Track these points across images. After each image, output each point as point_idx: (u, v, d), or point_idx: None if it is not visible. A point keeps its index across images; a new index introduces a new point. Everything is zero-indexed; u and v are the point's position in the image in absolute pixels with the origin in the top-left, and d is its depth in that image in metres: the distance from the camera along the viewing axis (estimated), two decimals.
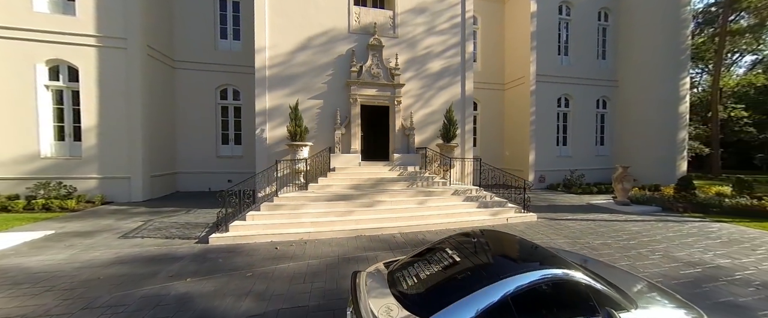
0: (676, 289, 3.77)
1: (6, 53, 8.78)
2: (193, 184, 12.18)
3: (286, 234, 6.33)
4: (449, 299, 2.13)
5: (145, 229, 6.78)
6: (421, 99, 10.85)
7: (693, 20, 22.09)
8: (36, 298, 3.80)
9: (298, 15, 9.64)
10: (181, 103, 11.94)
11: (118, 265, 4.85)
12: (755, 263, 4.91)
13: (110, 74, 9.55)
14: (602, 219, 7.99)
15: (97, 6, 9.36)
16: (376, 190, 8.26)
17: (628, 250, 5.56)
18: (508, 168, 14.86)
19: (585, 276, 2.32)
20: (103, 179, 9.59)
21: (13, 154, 8.92)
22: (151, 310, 3.56)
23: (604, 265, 3.37)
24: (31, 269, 4.62)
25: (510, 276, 2.20)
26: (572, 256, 3.24)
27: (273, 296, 3.89)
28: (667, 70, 13.76)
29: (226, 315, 3.47)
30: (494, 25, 15.76)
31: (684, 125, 13.96)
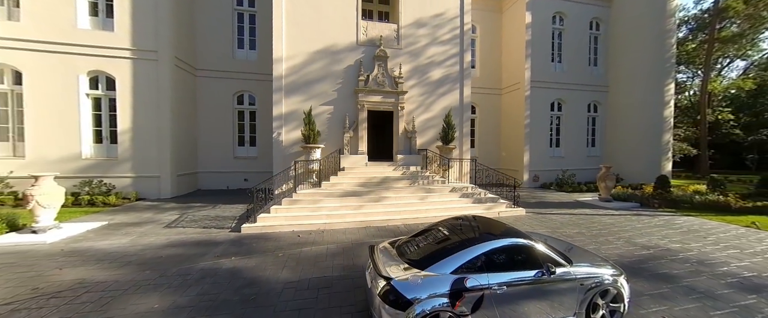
0: (625, 265, 4.77)
1: (54, 66, 9.89)
2: (212, 182, 13.25)
3: (306, 224, 7.37)
4: (441, 256, 3.16)
5: (183, 221, 7.83)
6: (423, 105, 11.86)
7: (686, 26, 23.03)
8: (119, 270, 4.84)
9: (311, 29, 10.67)
10: (201, 108, 13.01)
11: (172, 248, 5.90)
12: (700, 247, 5.88)
13: (143, 83, 10.64)
14: (583, 213, 8.97)
15: (132, 22, 10.45)
16: (381, 187, 9.28)
17: (598, 237, 6.55)
18: (504, 168, 15.87)
19: (537, 244, 3.34)
20: (136, 178, 10.67)
21: (60, 154, 10.02)
22: (211, 278, 4.59)
23: (563, 242, 4.36)
24: (105, 250, 5.68)
25: (486, 242, 3.21)
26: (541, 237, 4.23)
27: (303, 270, 4.92)
28: (653, 76, 14.69)
29: (270, 282, 4.49)
30: (492, 34, 16.74)
31: (668, 128, 14.87)
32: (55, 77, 9.95)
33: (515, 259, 3.22)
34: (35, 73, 9.83)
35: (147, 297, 3.97)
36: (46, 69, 9.89)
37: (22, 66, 9.76)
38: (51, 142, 9.99)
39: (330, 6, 10.83)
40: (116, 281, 4.42)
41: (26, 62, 9.77)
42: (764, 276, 4.63)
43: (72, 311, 3.57)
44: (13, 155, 10.00)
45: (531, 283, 3.10)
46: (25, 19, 9.70)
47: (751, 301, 3.87)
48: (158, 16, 10.64)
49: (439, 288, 2.87)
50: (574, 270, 3.27)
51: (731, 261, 5.21)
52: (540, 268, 3.16)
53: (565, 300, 3.17)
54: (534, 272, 3.14)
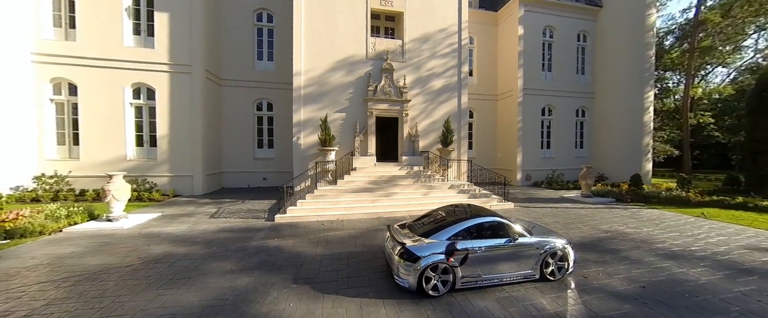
0: (584, 243, 6.19)
1: (103, 79, 11.36)
2: (234, 181, 14.70)
3: (327, 215, 8.80)
4: (439, 229, 4.59)
5: (223, 213, 9.26)
6: (425, 111, 13.30)
7: (671, 35, 24.42)
8: (192, 247, 6.27)
9: (326, 45, 12.12)
10: (225, 114, 14.45)
11: (223, 232, 7.32)
12: (649, 231, 7.29)
13: (178, 93, 12.10)
14: (563, 207, 10.38)
15: (170, 40, 11.91)
16: (389, 184, 10.72)
17: (570, 224, 7.97)
18: (500, 168, 17.32)
19: (507, 221, 4.76)
20: (173, 177, 12.12)
21: (108, 157, 11.49)
22: (264, 252, 6.01)
23: (529, 222, 5.76)
24: (172, 234, 7.11)
25: (471, 220, 4.64)
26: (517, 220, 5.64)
27: (332, 247, 6.34)
28: (633, 84, 16.10)
29: (309, 255, 5.90)
30: (488, 44, 18.17)
31: (648, 132, 16.27)
32: (104, 89, 11.42)
33: (491, 231, 4.64)
34: (88, 86, 11.31)
35: (223, 263, 5.40)
36: (97, 82, 11.37)
37: (76, 80, 11.24)
38: (101, 146, 11.46)
39: (342, 24, 12.28)
40: (194, 254, 5.85)
41: (80, 76, 11.25)
42: (687, 250, 6.03)
43: (178, 270, 5.01)
44: (68, 157, 11.48)
45: (502, 247, 4.51)
46: (80, 39, 11.19)
47: (665, 264, 5.28)
48: (192, 35, 12.10)
49: (438, 249, 4.29)
50: (532, 239, 4.69)
51: (668, 240, 6.62)
52: (509, 237, 4.59)
53: (525, 259, 4.58)
54: (504, 240, 4.56)
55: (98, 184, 11.25)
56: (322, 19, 12.02)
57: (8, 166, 10.23)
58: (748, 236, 6.96)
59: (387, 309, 3.83)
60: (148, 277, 4.73)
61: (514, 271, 4.55)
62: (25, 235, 6.49)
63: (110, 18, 11.41)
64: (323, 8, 12.04)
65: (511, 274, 4.53)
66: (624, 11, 16.42)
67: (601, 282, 4.64)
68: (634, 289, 4.38)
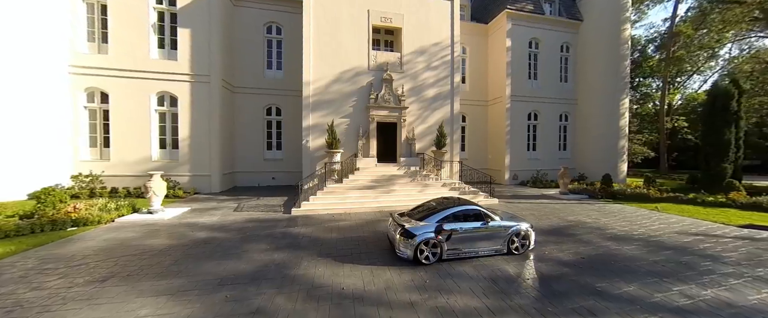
0: (550, 229, 7.64)
1: (133, 88, 12.60)
2: (246, 180, 15.96)
3: (336, 209, 10.16)
4: (430, 215, 6.00)
5: (244, 207, 10.57)
6: (420, 117, 14.72)
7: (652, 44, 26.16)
8: (227, 233, 7.60)
9: (332, 57, 13.48)
10: (238, 119, 15.72)
11: (250, 222, 8.65)
12: (606, 221, 8.78)
13: (198, 101, 13.37)
14: (541, 202, 11.87)
15: (191, 53, 13.19)
16: (389, 183, 12.11)
17: (542, 216, 9.43)
18: (490, 168, 18.81)
19: (483, 209, 6.19)
20: (193, 176, 13.38)
21: (135, 158, 12.73)
22: (289, 237, 7.35)
23: (501, 211, 7.19)
24: (207, 223, 8.43)
25: (455, 207, 6.06)
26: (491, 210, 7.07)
27: (343, 233, 7.70)
28: (610, 93, 17.70)
29: (326, 238, 7.26)
30: (480, 54, 19.66)
31: (624, 136, 17.87)
32: (132, 97, 12.67)
33: (470, 216, 6.06)
34: (118, 94, 12.55)
35: (258, 244, 6.74)
36: (126, 91, 12.61)
37: (108, 89, 12.48)
38: (129, 148, 12.70)
39: (347, 39, 13.66)
40: (233, 238, 7.18)
41: (111, 86, 12.49)
42: (628, 234, 7.50)
43: (225, 248, 6.34)
44: (100, 158, 12.70)
45: (478, 229, 5.93)
46: (111, 53, 12.43)
47: (606, 244, 6.75)
48: (211, 49, 13.39)
49: (429, 229, 5.69)
50: (502, 223, 6.12)
51: (617, 227, 8.11)
52: (483, 221, 6.02)
53: (495, 238, 6.01)
54: (480, 223, 5.98)
55: (127, 182, 12.53)
56: (328, 34, 13.39)
57: (48, 166, 11.43)
58: (683, 225, 8.48)
59: (391, 272, 5.22)
60: (204, 253, 6.07)
61: (487, 246, 5.98)
62: (87, 224, 7.77)
63: (138, 33, 12.67)
64: (330, 25, 13.41)
65: (485, 249, 5.95)
66: (601, 26, 18.02)
67: (553, 255, 6.08)
68: (576, 260, 5.83)
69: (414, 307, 4.05)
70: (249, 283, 4.74)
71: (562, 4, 19.28)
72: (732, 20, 13.49)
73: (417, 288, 4.61)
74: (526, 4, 18.29)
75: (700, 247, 6.51)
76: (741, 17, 13.14)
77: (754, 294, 4.43)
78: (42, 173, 11.19)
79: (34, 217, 7.55)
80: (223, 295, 4.30)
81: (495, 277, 5.01)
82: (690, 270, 5.30)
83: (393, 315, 3.85)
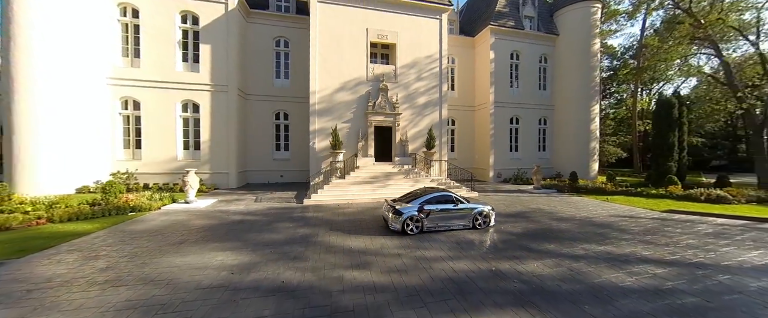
0: (514, 213, 9.68)
1: (161, 97, 14.45)
2: (257, 178, 17.82)
3: (341, 200, 12.10)
4: (415, 199, 8.01)
5: (262, 199, 12.45)
6: (413, 122, 16.72)
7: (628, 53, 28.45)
8: (255, 216, 9.50)
9: (335, 70, 15.44)
10: (250, 123, 17.59)
11: (271, 210, 10.55)
12: (560, 208, 10.82)
13: (217, 107, 15.24)
14: (513, 195, 13.91)
15: (211, 66, 15.07)
16: (385, 179, 14.08)
17: (510, 204, 11.45)
18: (476, 167, 20.86)
19: (454, 195, 8.21)
20: (212, 174, 15.23)
21: (163, 158, 14.56)
22: (305, 220, 9.27)
23: (474, 199, 9.20)
24: (237, 210, 10.31)
25: (434, 194, 8.07)
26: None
27: (347, 217, 9.65)
28: (582, 100, 19.87)
29: (335, 220, 9.19)
30: (467, 64, 21.74)
31: (595, 138, 20.04)
32: (160, 104, 14.52)
33: (445, 200, 8.06)
34: (148, 102, 14.39)
35: (282, 223, 8.65)
36: (155, 99, 14.46)
37: (140, 97, 14.32)
38: (157, 149, 14.54)
39: (348, 54, 15.63)
40: (261, 220, 9.09)
41: (143, 95, 14.33)
42: (571, 217, 9.52)
43: (259, 226, 8.25)
44: (132, 158, 14.52)
45: (450, 210, 7.92)
46: (143, 66, 14.28)
47: (550, 222, 8.77)
48: (228, 62, 15.29)
49: (413, 208, 7.67)
50: (468, 205, 8.13)
51: (566, 212, 10.14)
52: (454, 203, 8.02)
53: (463, 216, 8.01)
54: (452, 205, 7.98)
55: (157, 179, 14.36)
56: (332, 50, 15.36)
57: (90, 164, 13.23)
58: (619, 210, 10.56)
59: (385, 239, 7.19)
60: (243, 228, 7.98)
61: (458, 223, 7.98)
62: (141, 210, 9.63)
63: (166, 49, 14.53)
64: (333, 42, 15.37)
65: (456, 224, 7.95)
66: (575, 40, 20.21)
67: (507, 229, 8.09)
68: (522, 232, 7.85)
69: (400, 256, 6.02)
70: (284, 244, 6.67)
71: (540, 20, 21.44)
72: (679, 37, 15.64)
73: (403, 247, 6.58)
74: (507, 20, 20.41)
75: (619, 224, 8.57)
76: (686, 34, 15.29)
77: (630, 248, 6.46)
78: (85, 171, 12.99)
79: (100, 205, 9.38)
80: (269, 250, 6.23)
81: (459, 241, 7.00)
82: (599, 237, 7.33)
83: (386, 260, 5.81)
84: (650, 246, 6.66)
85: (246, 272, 5.12)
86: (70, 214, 8.21)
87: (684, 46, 15.09)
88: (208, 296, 4.28)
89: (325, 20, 15.31)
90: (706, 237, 7.37)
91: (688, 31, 15.33)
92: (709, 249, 6.50)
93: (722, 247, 6.59)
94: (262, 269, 5.26)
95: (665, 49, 15.77)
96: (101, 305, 3.99)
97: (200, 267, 5.33)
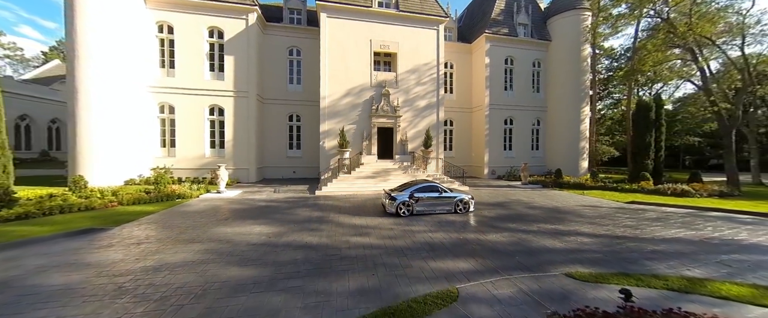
0: (495, 201, 11.41)
1: (192, 102, 16.63)
2: (272, 173, 19.90)
3: (348, 191, 14.01)
4: (407, 188, 9.86)
5: (280, 191, 14.46)
6: (412, 123, 18.50)
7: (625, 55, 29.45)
8: (279, 203, 11.47)
9: (342, 77, 17.33)
10: (266, 124, 19.65)
11: (290, 199, 12.51)
12: (537, 199, 12.46)
13: (239, 111, 17.34)
14: (501, 189, 15.56)
15: (234, 75, 17.16)
16: (386, 174, 15.92)
17: (494, 196, 13.14)
18: (473, 164, 22.50)
19: (439, 185, 10.02)
20: (235, 169, 17.34)
21: (193, 155, 16.75)
22: (318, 206, 11.19)
23: (453, 188, 10.95)
24: (262, 198, 12.32)
25: (423, 184, 9.90)
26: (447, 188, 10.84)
27: (353, 203, 11.53)
28: (573, 102, 21.25)
29: (343, 206, 11.08)
30: (465, 68, 23.34)
31: (584, 138, 21.41)
32: (191, 108, 16.69)
33: (432, 189, 9.86)
34: (182, 107, 16.59)
35: (300, 208, 10.60)
36: (187, 104, 16.64)
37: (174, 103, 16.53)
38: (188, 148, 16.73)
39: (354, 63, 17.49)
40: (283, 205, 11.06)
41: (177, 100, 16.53)
42: (542, 206, 11.16)
43: (282, 209, 10.23)
44: (168, 155, 16.76)
45: (436, 197, 9.73)
46: (177, 76, 16.48)
47: (522, 210, 10.46)
48: (249, 70, 17.36)
49: (405, 195, 9.51)
50: (451, 194, 9.91)
51: (540, 202, 11.78)
52: (439, 192, 9.82)
53: (447, 203, 9.79)
54: (437, 194, 9.79)
55: (188, 173, 16.56)
56: (339, 59, 17.25)
57: (134, 160, 15.48)
58: (588, 201, 12.13)
59: (382, 219, 9.03)
60: (270, 211, 9.95)
61: (442, 208, 9.77)
62: (184, 197, 11.73)
63: (196, 61, 16.69)
64: (340, 52, 17.26)
65: (440, 209, 9.75)
66: (566, 46, 21.57)
67: (483, 214, 9.83)
68: (495, 216, 9.58)
69: (392, 229, 7.85)
70: (303, 222, 8.60)
71: (534, 27, 22.85)
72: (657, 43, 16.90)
73: (395, 224, 8.41)
74: (502, 27, 21.91)
75: (580, 211, 10.20)
76: (663, 41, 16.56)
77: (575, 227, 8.15)
78: (131, 166, 15.25)
79: (152, 193, 11.51)
80: (293, 225, 8.17)
81: (440, 221, 8.80)
82: (556, 220, 9.01)
83: (381, 231, 7.67)
84: (593, 226, 8.33)
85: (278, 237, 7.06)
86: (133, 199, 10.35)
87: (662, 53, 16.32)
88: (257, 249, 6.22)
89: (334, 33, 17.21)
90: (645, 220, 8.97)
91: (667, 38, 16.62)
92: (639, 228, 8.13)
93: (651, 227, 8.21)
94: (290, 235, 7.19)
95: (645, 55, 17.03)
96: (189, 251, 5.97)
97: (245, 233, 7.29)
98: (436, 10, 18.84)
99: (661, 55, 16.40)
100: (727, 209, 10.14)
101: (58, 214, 8.66)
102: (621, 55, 30.96)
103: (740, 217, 9.34)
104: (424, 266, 5.38)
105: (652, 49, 17.50)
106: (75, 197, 10.04)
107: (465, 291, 4.40)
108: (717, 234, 7.52)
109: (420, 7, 18.56)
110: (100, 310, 3.85)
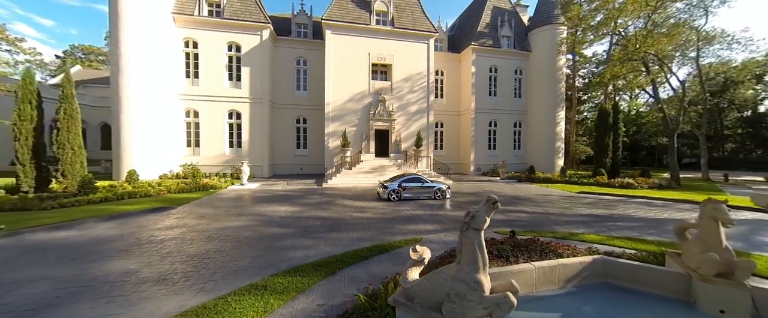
0: (471, 191, 14.05)
1: (214, 108, 19.19)
2: (281, 170, 22.48)
3: (348, 184, 16.61)
4: (397, 179, 12.48)
5: (292, 184, 17.03)
6: (405, 125, 21.08)
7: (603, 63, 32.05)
8: (292, 193, 14.07)
9: (344, 85, 19.90)
10: (276, 127, 22.21)
11: (302, 190, 15.09)
12: (506, 191, 15.06)
13: (254, 115, 19.90)
14: (479, 183, 18.17)
15: (250, 83, 19.72)
16: (382, 169, 18.52)
17: (471, 188, 15.75)
18: (461, 162, 25.11)
19: (422, 176, 12.64)
20: (251, 166, 19.90)
21: (215, 154, 19.33)
22: (325, 195, 13.78)
23: (435, 180, 13.55)
24: (278, 189, 14.92)
25: (410, 176, 12.53)
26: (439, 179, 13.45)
27: (354, 193, 14.12)
28: (549, 107, 23.85)
29: (345, 194, 13.66)
30: (454, 76, 25.91)
31: (559, 139, 24.02)
32: (213, 113, 19.26)
33: (416, 180, 12.47)
34: (205, 112, 19.15)
35: (311, 196, 13.19)
36: (209, 109, 19.21)
37: (198, 108, 19.09)
38: (211, 148, 19.31)
39: (354, 73, 20.05)
40: (296, 194, 13.64)
41: (201, 106, 19.09)
42: (508, 195, 13.74)
43: (297, 196, 12.82)
44: (193, 154, 19.33)
45: (420, 186, 12.35)
46: (201, 84, 19.03)
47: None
48: (262, 79, 19.92)
49: (395, 184, 12.13)
50: (431, 183, 12.53)
51: (508, 193, 14.38)
52: (422, 182, 12.44)
53: (429, 191, 12.41)
54: (420, 183, 12.41)
55: (211, 169, 19.14)
56: (342, 70, 19.81)
57: (166, 158, 18.04)
58: (546, 192, 14.73)
59: (376, 202, 11.63)
60: (288, 198, 12.54)
61: (425, 195, 12.38)
62: (215, 188, 14.31)
63: (217, 71, 19.24)
64: (342, 63, 19.82)
65: (423, 195, 12.36)
66: (543, 57, 24.16)
67: (456, 200, 12.43)
68: (466, 201, 12.17)
69: (384, 209, 10.44)
70: (315, 205, 11.19)
71: (516, 39, 25.42)
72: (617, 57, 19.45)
73: (386, 206, 11.00)
74: (487, 39, 24.48)
75: (534, 198, 12.80)
76: (620, 56, 19.10)
77: (522, 207, 10.74)
78: (163, 163, 17.81)
79: (191, 184, 14.07)
80: (308, 206, 10.76)
81: (422, 204, 11.40)
82: (511, 204, 11.61)
83: (375, 210, 10.25)
84: (536, 206, 10.94)
85: (300, 213, 9.66)
86: (178, 189, 12.93)
87: (619, 67, 18.85)
88: (287, 218, 8.82)
89: (336, 47, 19.76)
90: (579, 204, 11.58)
91: (623, 53, 19.19)
92: (567, 207, 10.74)
93: (577, 207, 10.82)
94: (309, 212, 9.79)
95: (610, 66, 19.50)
96: (240, 220, 8.57)
97: (275, 211, 9.89)
98: (427, 26, 21.40)
99: (618, 68, 18.91)
100: (648, 196, 12.77)
101: (127, 198, 11.24)
102: (599, 63, 33.60)
103: (655, 202, 11.97)
104: (402, 228, 7.99)
105: (616, 61, 20.07)
106: (131, 187, 12.62)
107: (426, 238, 7.02)
108: (620, 211, 10.13)
109: (412, 24, 21.12)
110: (205, 245, 6.44)
